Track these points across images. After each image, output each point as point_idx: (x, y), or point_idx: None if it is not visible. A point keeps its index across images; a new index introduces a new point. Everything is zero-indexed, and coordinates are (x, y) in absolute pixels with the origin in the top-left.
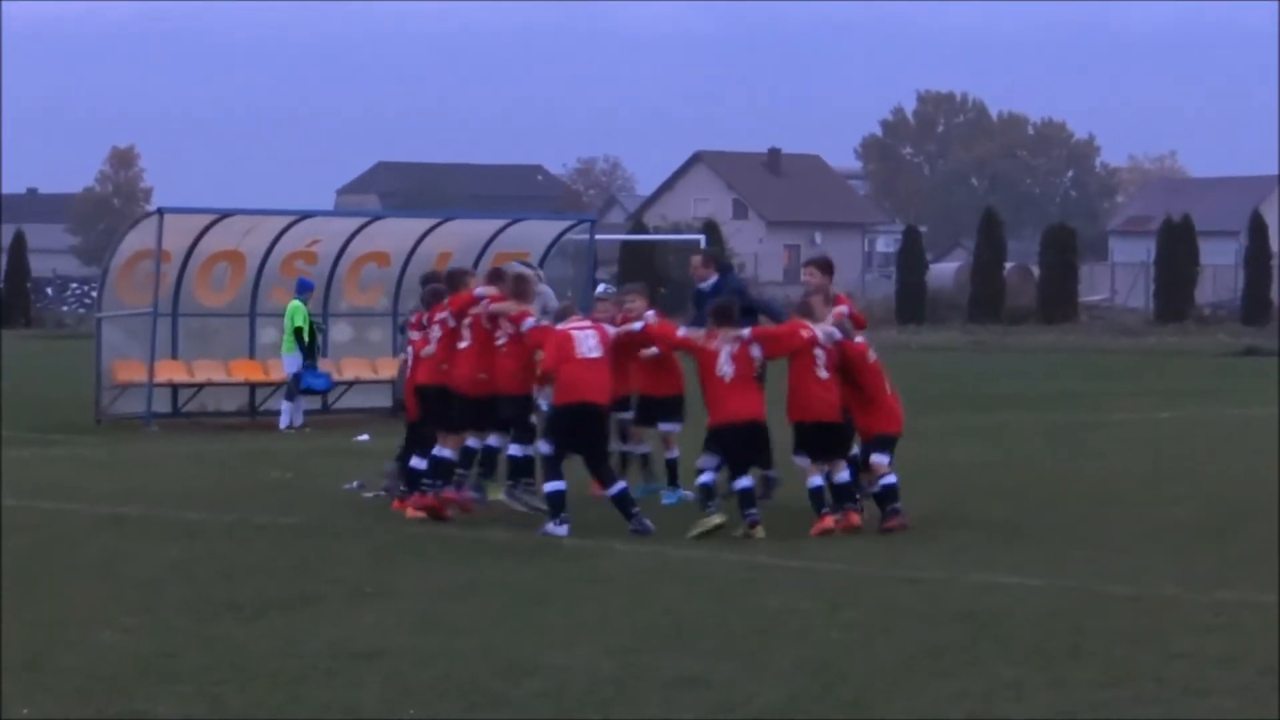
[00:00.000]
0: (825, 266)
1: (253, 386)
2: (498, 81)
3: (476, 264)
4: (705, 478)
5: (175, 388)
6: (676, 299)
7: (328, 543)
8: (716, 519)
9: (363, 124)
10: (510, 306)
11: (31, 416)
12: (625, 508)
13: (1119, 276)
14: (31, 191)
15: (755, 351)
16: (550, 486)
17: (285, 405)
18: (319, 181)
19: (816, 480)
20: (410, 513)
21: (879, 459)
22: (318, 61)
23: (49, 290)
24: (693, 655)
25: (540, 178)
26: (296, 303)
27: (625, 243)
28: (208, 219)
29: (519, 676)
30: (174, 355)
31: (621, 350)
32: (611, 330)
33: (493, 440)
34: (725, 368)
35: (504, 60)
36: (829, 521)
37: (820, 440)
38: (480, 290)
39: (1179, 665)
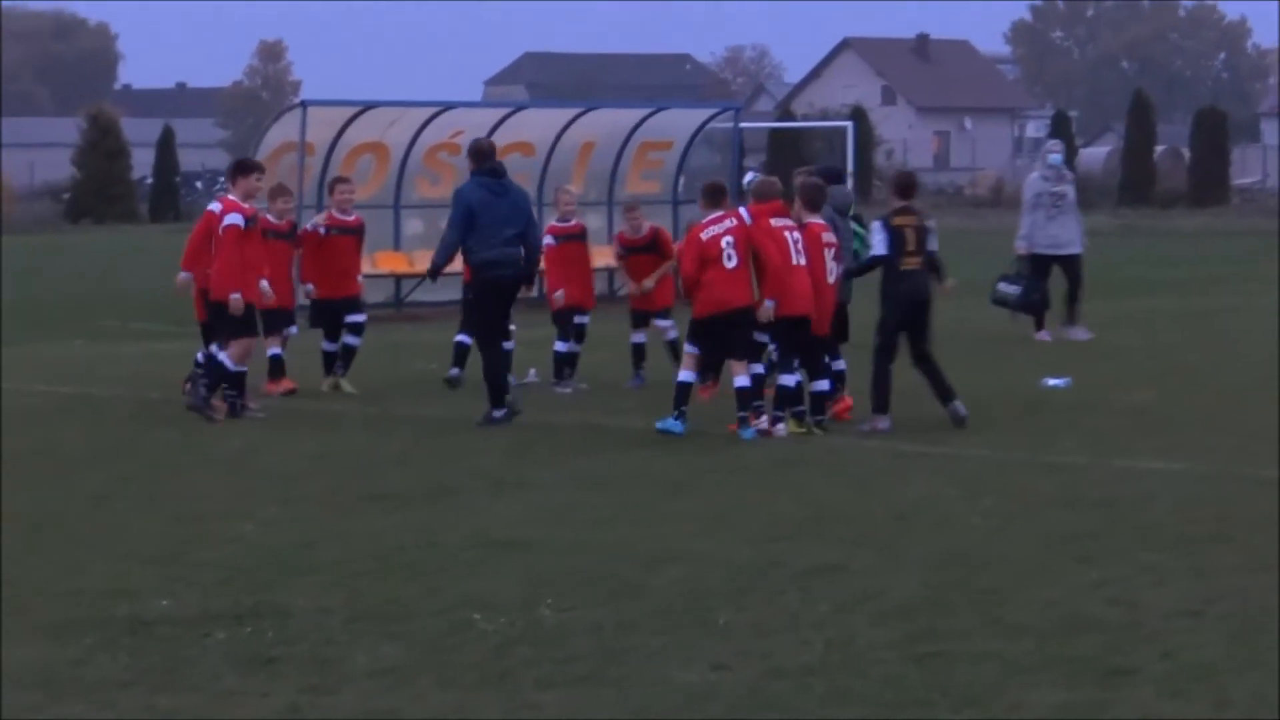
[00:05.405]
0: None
1: (398, 278)
2: None
3: (620, 153)
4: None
5: None
6: None
7: (468, 434)
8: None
9: (510, 14)
10: None
11: (177, 310)
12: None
13: (1270, 159)
14: (180, 86)
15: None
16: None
17: None
18: (467, 73)
19: None
20: None
21: None
22: None
23: (198, 184)
24: (830, 544)
25: (688, 66)
26: None
27: (772, 130)
28: (351, 111)
29: (657, 565)
30: None
31: None
32: None
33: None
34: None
35: None
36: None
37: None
38: None
39: None
